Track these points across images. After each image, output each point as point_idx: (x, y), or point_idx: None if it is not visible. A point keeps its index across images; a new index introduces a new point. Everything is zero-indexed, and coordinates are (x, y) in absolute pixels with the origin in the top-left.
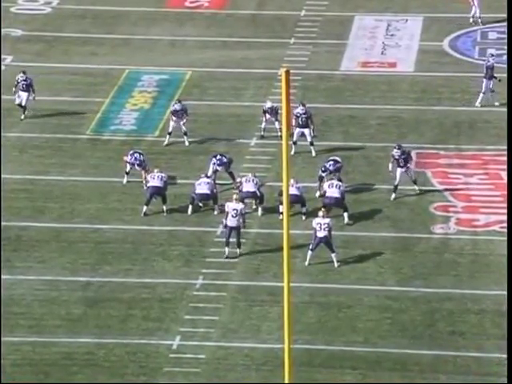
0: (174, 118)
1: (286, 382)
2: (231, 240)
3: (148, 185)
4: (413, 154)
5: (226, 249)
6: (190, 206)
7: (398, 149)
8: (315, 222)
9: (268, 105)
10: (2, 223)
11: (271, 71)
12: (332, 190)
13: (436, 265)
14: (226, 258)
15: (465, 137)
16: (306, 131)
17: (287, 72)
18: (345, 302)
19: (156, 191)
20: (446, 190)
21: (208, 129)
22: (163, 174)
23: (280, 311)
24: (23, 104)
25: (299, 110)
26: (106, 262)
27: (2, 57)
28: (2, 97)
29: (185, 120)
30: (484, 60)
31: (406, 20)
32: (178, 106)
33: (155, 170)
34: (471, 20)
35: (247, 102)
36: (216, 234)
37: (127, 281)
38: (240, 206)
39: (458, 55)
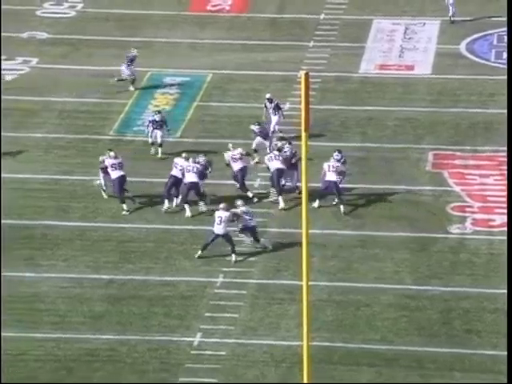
0: (151, 129)
1: (305, 378)
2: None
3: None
4: (430, 154)
5: (200, 252)
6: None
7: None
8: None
9: (267, 96)
10: (27, 222)
11: (291, 73)
12: (330, 173)
13: (452, 264)
14: (199, 257)
15: (481, 138)
16: (266, 142)
17: (307, 74)
18: (362, 301)
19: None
20: (463, 190)
21: (228, 130)
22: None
23: (298, 309)
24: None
25: (255, 128)
26: (128, 261)
27: (28, 59)
28: (25, 98)
29: (164, 131)
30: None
31: (424, 23)
32: (157, 117)
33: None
34: (451, 20)
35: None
36: (235, 233)
37: (149, 279)
38: (226, 214)
39: (475, 58)
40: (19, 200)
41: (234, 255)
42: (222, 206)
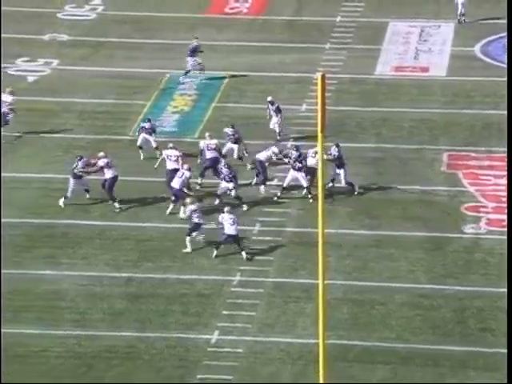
0: (141, 136)
1: (321, 376)
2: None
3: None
4: (444, 155)
5: (215, 251)
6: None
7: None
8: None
9: (269, 98)
10: (48, 221)
11: (307, 75)
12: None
13: (466, 264)
14: (215, 256)
15: (495, 139)
16: (235, 146)
17: (323, 76)
18: (377, 299)
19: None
20: (477, 190)
21: (245, 130)
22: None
23: (314, 307)
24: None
25: (228, 130)
26: (146, 259)
27: (49, 60)
28: (46, 99)
29: (154, 137)
30: None
31: (439, 26)
32: (147, 125)
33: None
34: (458, 19)
35: (283, 105)
36: (253, 233)
37: (167, 277)
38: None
39: (489, 60)
40: (40, 199)
41: (244, 253)
42: (226, 209)
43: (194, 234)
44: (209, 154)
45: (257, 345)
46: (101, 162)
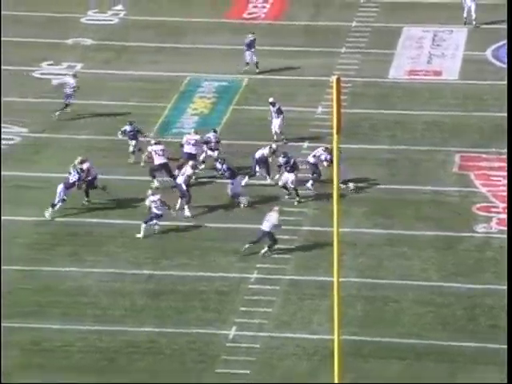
0: (121, 137)
1: (336, 371)
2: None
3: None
4: (456, 157)
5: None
6: None
7: (284, 157)
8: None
9: (270, 100)
10: (72, 219)
11: (323, 78)
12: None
13: (478, 262)
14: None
15: (505, 141)
16: (215, 153)
17: (338, 79)
18: (390, 296)
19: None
20: (488, 191)
21: (263, 132)
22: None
23: (329, 304)
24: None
25: (211, 135)
26: (166, 257)
27: (73, 64)
28: (72, 101)
29: (138, 140)
30: None
31: (452, 31)
32: (128, 128)
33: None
34: (464, 21)
35: (300, 108)
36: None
37: (186, 274)
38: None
39: (500, 64)
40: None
41: (267, 249)
42: (276, 208)
43: (152, 222)
44: (187, 149)
45: (273, 340)
46: (85, 166)
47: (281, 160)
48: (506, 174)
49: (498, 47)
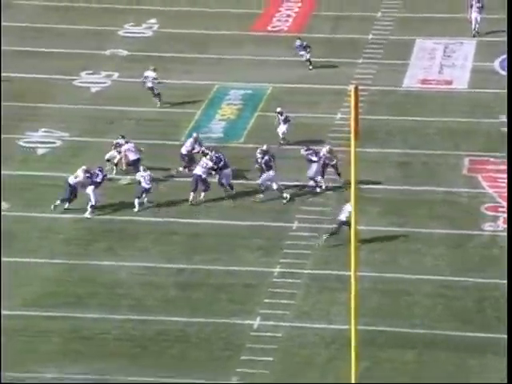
0: (114, 150)
1: (353, 358)
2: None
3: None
4: (466, 160)
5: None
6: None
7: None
8: None
9: (278, 109)
10: (107, 217)
11: (342, 87)
12: None
13: (485, 258)
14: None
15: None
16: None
17: (356, 88)
18: (404, 290)
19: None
20: (495, 192)
21: (285, 137)
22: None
23: (347, 296)
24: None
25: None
26: (196, 252)
27: (110, 73)
28: (107, 107)
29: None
30: None
31: (462, 43)
32: (120, 141)
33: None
34: (473, 34)
35: (320, 114)
36: (292, 229)
37: (215, 268)
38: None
39: (507, 74)
40: (102, 198)
41: (326, 236)
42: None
43: (143, 196)
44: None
45: (294, 330)
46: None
47: (258, 155)
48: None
49: (504, 58)
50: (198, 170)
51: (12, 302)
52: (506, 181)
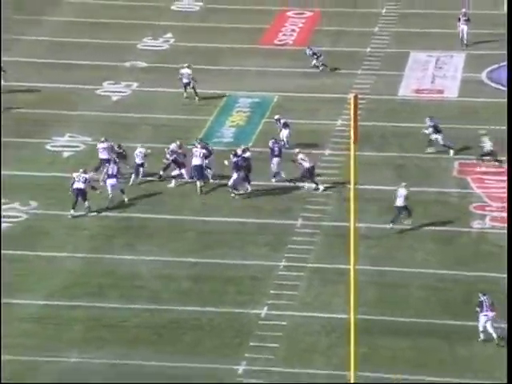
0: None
1: (352, 345)
2: None
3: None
4: (456, 163)
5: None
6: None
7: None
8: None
9: (276, 117)
10: (126, 215)
11: (342, 96)
12: None
13: (474, 254)
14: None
15: (498, 149)
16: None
17: (355, 96)
18: (399, 283)
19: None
20: (483, 192)
21: (290, 142)
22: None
23: (346, 289)
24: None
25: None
26: (207, 247)
27: (130, 83)
28: (127, 114)
29: (124, 163)
30: None
31: (452, 56)
32: (117, 149)
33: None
34: (462, 44)
35: (322, 121)
36: (296, 226)
37: (225, 262)
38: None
39: (494, 84)
40: (119, 197)
41: (391, 225)
42: (403, 184)
43: (140, 172)
44: (195, 161)
45: (298, 319)
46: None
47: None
48: (499, 178)
49: (491, 70)
50: (196, 161)
51: (40, 293)
52: (492, 182)
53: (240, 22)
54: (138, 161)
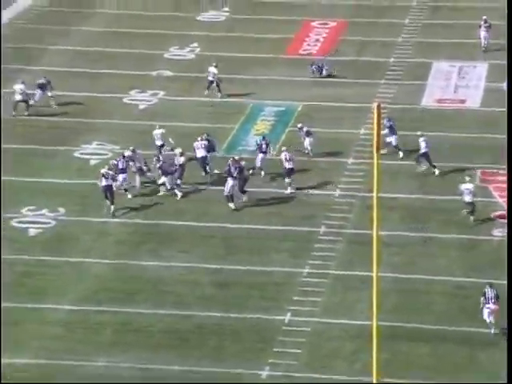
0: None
1: (374, 351)
2: None
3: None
4: (478, 172)
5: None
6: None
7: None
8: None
9: (299, 125)
10: (151, 221)
11: (365, 105)
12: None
13: (495, 261)
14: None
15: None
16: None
17: (379, 106)
18: (421, 289)
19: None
20: (505, 201)
21: (313, 150)
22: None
23: (369, 295)
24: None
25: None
26: (231, 253)
27: (156, 92)
28: (153, 122)
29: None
30: None
31: (475, 66)
32: (127, 153)
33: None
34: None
35: (346, 130)
36: (319, 233)
37: (249, 268)
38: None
39: None
40: (145, 202)
41: (471, 217)
42: (468, 178)
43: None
44: (199, 153)
45: (321, 325)
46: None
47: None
48: None
49: None
50: (200, 153)
51: (68, 297)
52: None
53: (265, 32)
54: (158, 143)
